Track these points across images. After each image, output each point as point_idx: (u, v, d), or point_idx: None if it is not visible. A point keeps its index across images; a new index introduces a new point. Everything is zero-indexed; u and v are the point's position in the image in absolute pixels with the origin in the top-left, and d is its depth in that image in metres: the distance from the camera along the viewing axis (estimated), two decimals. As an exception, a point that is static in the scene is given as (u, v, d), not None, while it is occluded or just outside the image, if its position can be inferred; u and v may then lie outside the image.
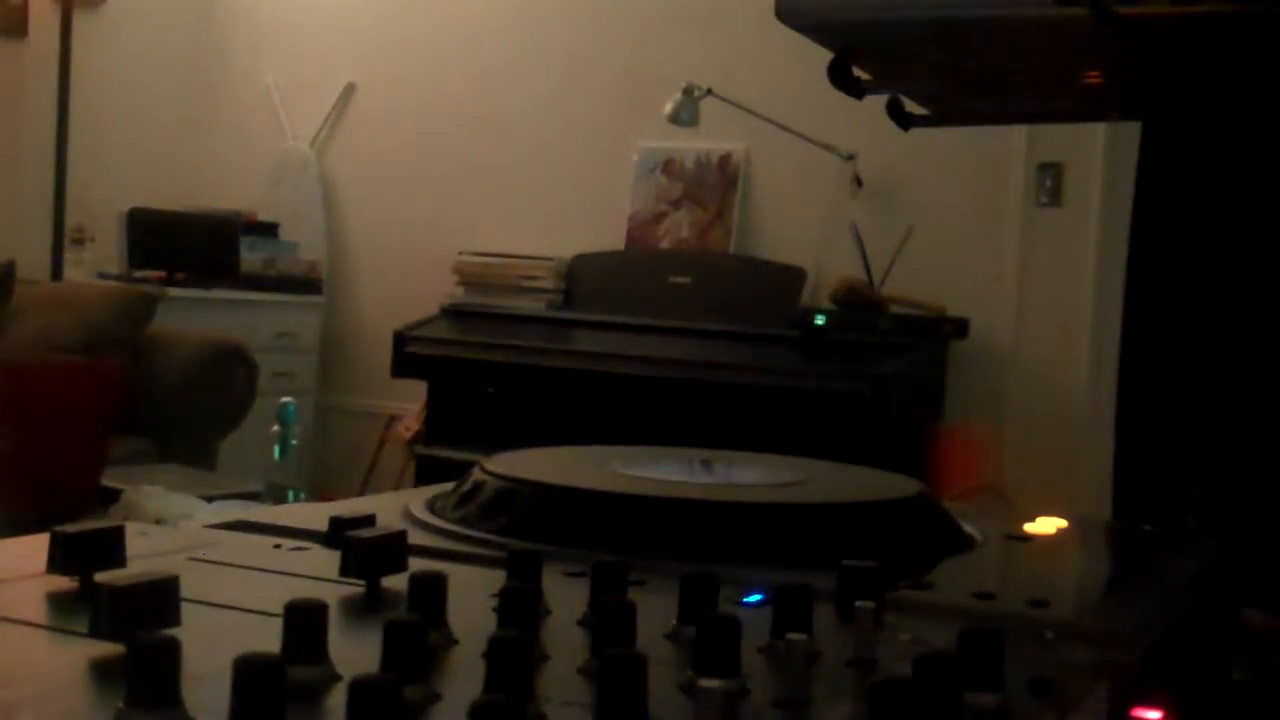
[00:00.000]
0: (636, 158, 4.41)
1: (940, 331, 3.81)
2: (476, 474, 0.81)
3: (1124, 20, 1.09)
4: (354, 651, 0.48)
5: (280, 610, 0.47)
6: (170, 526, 0.81)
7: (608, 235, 4.37)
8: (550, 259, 4.29)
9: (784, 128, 4.01)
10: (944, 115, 1.62)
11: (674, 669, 0.50)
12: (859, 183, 4.06)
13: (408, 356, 4.02)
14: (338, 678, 0.46)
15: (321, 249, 4.89)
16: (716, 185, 4.30)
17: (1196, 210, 1.69)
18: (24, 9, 4.70)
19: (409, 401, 4.33)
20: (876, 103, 1.47)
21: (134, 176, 4.77)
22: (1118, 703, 0.53)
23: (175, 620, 0.49)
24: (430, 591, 0.53)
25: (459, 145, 4.70)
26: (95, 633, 0.48)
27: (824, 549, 0.69)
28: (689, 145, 4.29)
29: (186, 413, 3.74)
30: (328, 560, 0.64)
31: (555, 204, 4.52)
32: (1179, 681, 0.66)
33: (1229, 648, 0.88)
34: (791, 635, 0.51)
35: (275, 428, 2.94)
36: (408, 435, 4.35)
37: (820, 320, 3.67)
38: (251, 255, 4.64)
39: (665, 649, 0.54)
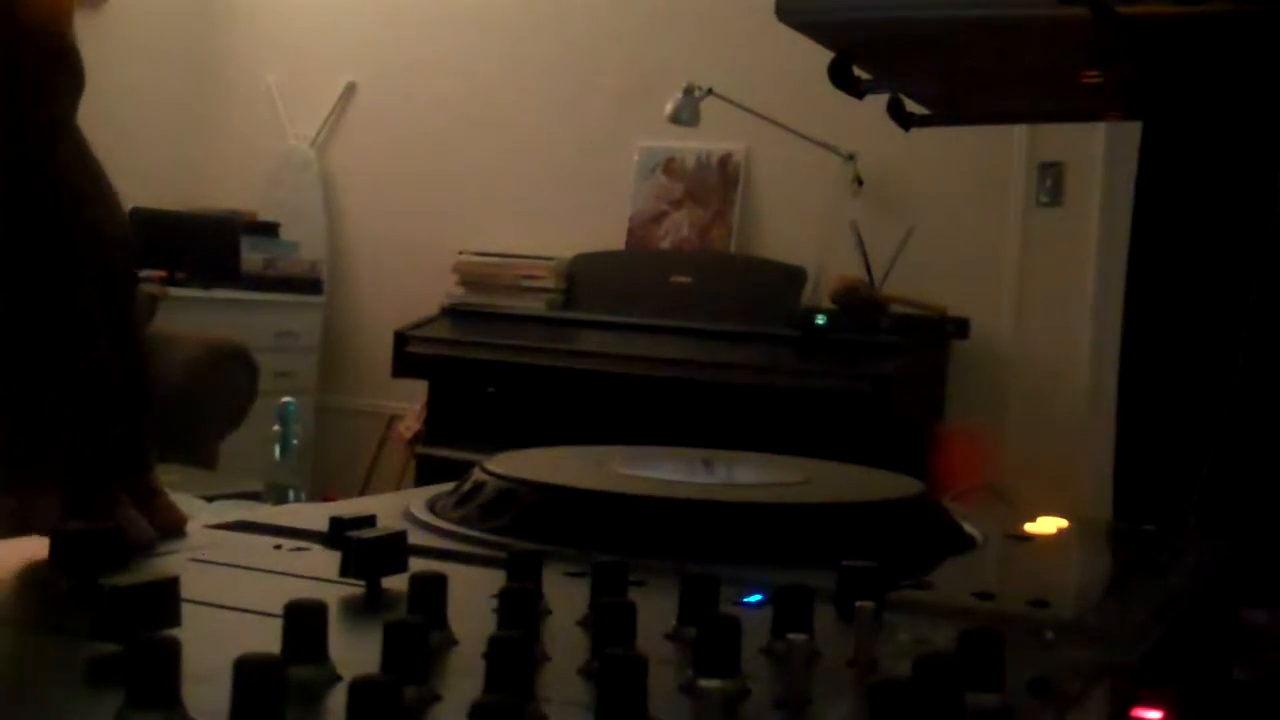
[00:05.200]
0: (637, 157, 4.41)
1: (940, 331, 3.81)
2: (476, 474, 0.81)
3: (1124, 20, 1.09)
4: (354, 651, 0.48)
5: (280, 610, 0.47)
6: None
7: (608, 235, 4.37)
8: (550, 259, 4.29)
9: (784, 128, 4.01)
10: (944, 115, 1.62)
11: (674, 669, 0.50)
12: (859, 183, 4.06)
13: (408, 356, 4.02)
14: (338, 678, 0.46)
15: (322, 249, 4.89)
16: (717, 185, 4.31)
17: (1196, 210, 1.69)
18: (24, 9, 4.70)
19: (409, 401, 4.33)
20: (876, 103, 1.47)
21: (134, 176, 4.75)
22: (1118, 703, 0.53)
23: (175, 620, 0.49)
24: (430, 592, 0.53)
25: (459, 145, 4.70)
26: (95, 633, 0.48)
27: (824, 549, 0.69)
28: (689, 145, 4.29)
29: (186, 413, 3.73)
30: (328, 560, 0.64)
31: (555, 204, 4.53)
32: (1179, 681, 0.66)
33: (1229, 648, 0.88)
34: (791, 635, 0.51)
35: (275, 428, 2.93)
36: (408, 435, 4.35)
37: (821, 320, 3.67)
38: (252, 255, 4.64)
39: (665, 649, 0.54)
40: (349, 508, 0.78)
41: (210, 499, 2.20)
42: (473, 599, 0.58)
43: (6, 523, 0.67)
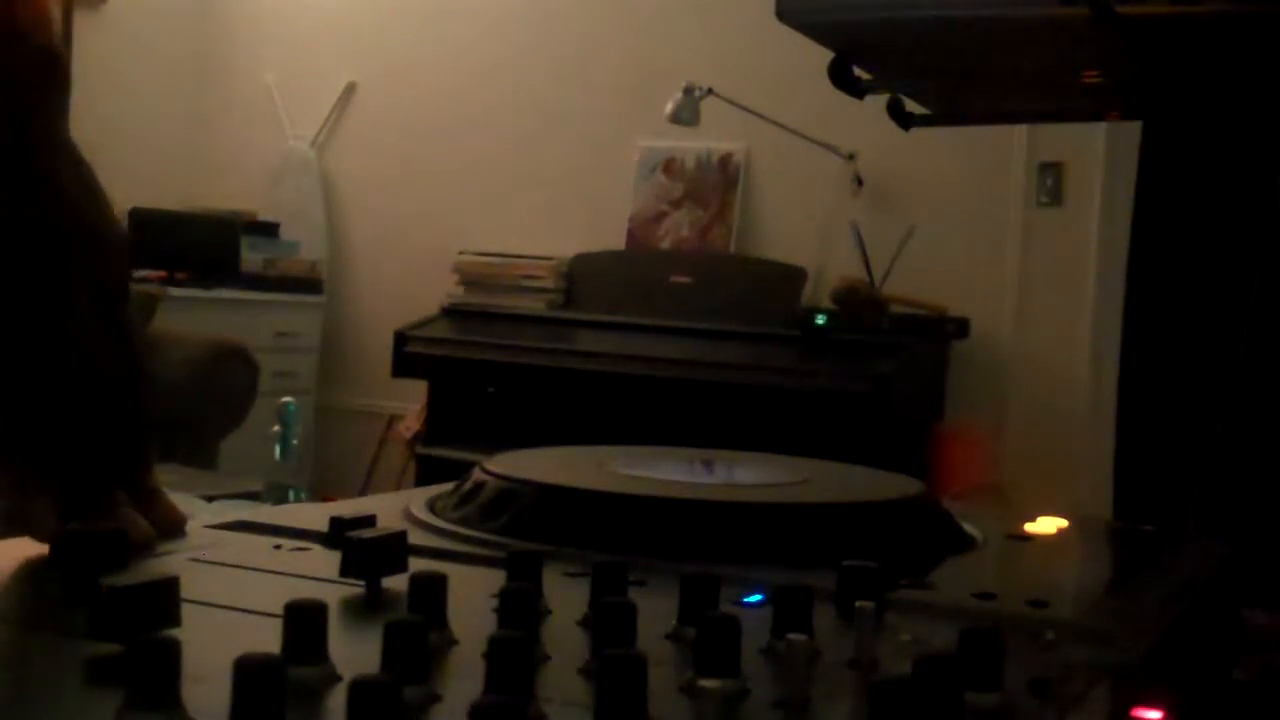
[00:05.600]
0: (637, 157, 4.41)
1: (940, 331, 3.81)
2: (477, 474, 0.81)
3: (1124, 20, 1.09)
4: (354, 651, 0.48)
5: (280, 610, 0.47)
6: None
7: (608, 235, 4.37)
8: (550, 259, 4.29)
9: (784, 128, 4.01)
10: (944, 115, 1.62)
11: (674, 669, 0.50)
12: (859, 182, 4.06)
13: (408, 356, 4.02)
14: (338, 678, 0.46)
15: (322, 249, 4.89)
16: (717, 185, 4.30)
17: (1197, 210, 1.69)
18: (24, 9, 4.69)
19: (409, 401, 4.33)
20: (876, 103, 1.47)
21: (134, 176, 4.76)
22: (1118, 703, 0.53)
23: (175, 621, 0.49)
24: (430, 592, 0.53)
25: (459, 144, 4.70)
26: (95, 633, 0.48)
27: (824, 549, 0.69)
28: (689, 145, 4.29)
29: (186, 413, 3.74)
30: (328, 560, 0.64)
31: (555, 204, 4.53)
32: (1179, 681, 0.66)
33: (1229, 648, 0.88)
34: (791, 635, 0.51)
35: (275, 428, 2.93)
36: (408, 435, 4.35)
37: (821, 320, 3.67)
38: (252, 255, 4.64)
39: (665, 649, 0.54)
40: (349, 508, 0.78)
41: (210, 499, 2.20)
42: (473, 599, 0.58)
43: (4, 523, 0.67)
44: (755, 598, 0.62)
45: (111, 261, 0.73)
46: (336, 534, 0.67)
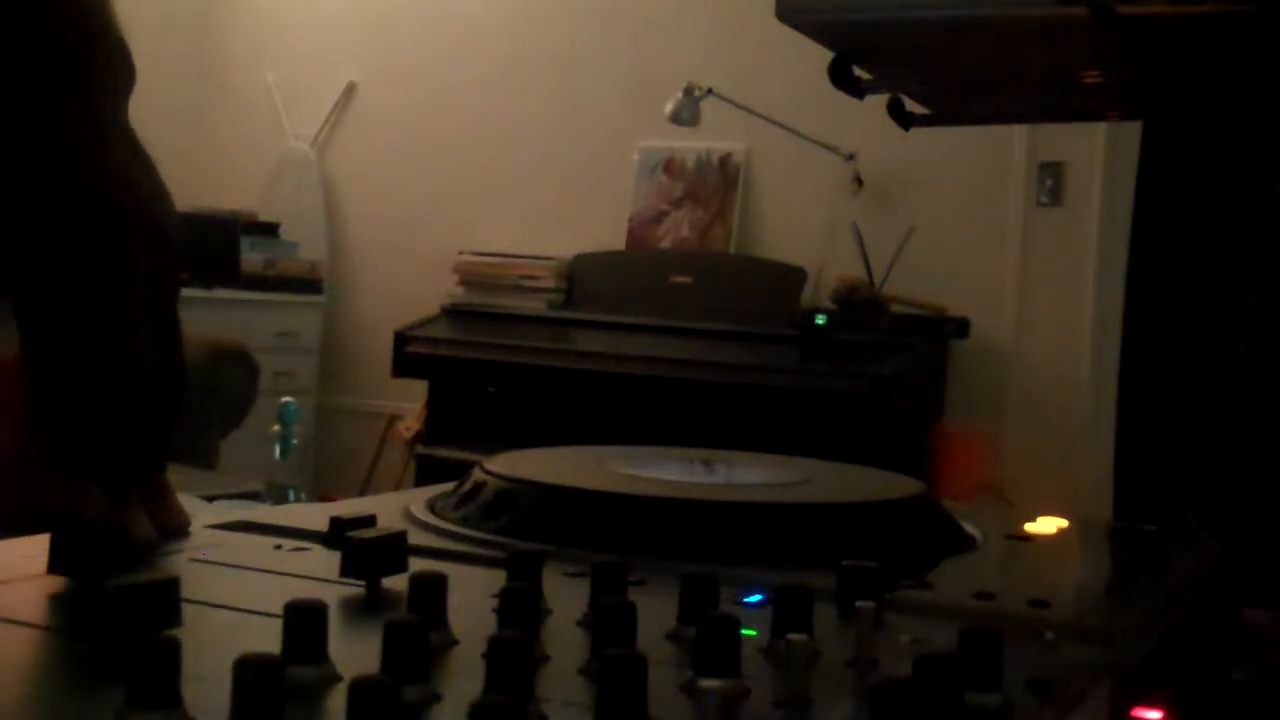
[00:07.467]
0: (637, 157, 4.41)
1: (940, 331, 3.82)
2: (477, 474, 0.81)
3: (1124, 20, 1.09)
4: (354, 651, 0.48)
5: (280, 610, 0.47)
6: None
7: (608, 235, 4.37)
8: (551, 259, 4.30)
9: (784, 128, 4.01)
10: (944, 115, 1.62)
11: (674, 669, 0.50)
12: (859, 182, 4.06)
13: (408, 356, 4.02)
14: (338, 678, 0.46)
15: (322, 249, 4.89)
16: (717, 185, 4.31)
17: (1197, 210, 1.69)
18: (24, 9, 4.69)
19: (409, 401, 4.33)
20: (877, 103, 1.47)
21: (134, 176, 4.77)
22: (1118, 703, 0.53)
23: (176, 621, 0.49)
24: (430, 592, 0.53)
25: (460, 145, 4.70)
26: (95, 633, 0.48)
27: (824, 549, 0.69)
28: (690, 145, 4.29)
29: (186, 413, 3.72)
30: (328, 561, 0.64)
31: (556, 204, 4.53)
32: (1179, 681, 0.66)
33: (1229, 648, 0.88)
34: (791, 635, 0.51)
35: (275, 428, 2.93)
36: (408, 435, 4.35)
37: (821, 320, 3.68)
38: (252, 255, 4.65)
39: (665, 649, 0.54)
40: (349, 508, 0.78)
41: (210, 499, 2.20)
42: (473, 599, 0.58)
43: (55, 508, 0.67)
44: (755, 598, 0.62)
45: (169, 257, 0.73)
46: (336, 534, 0.67)
